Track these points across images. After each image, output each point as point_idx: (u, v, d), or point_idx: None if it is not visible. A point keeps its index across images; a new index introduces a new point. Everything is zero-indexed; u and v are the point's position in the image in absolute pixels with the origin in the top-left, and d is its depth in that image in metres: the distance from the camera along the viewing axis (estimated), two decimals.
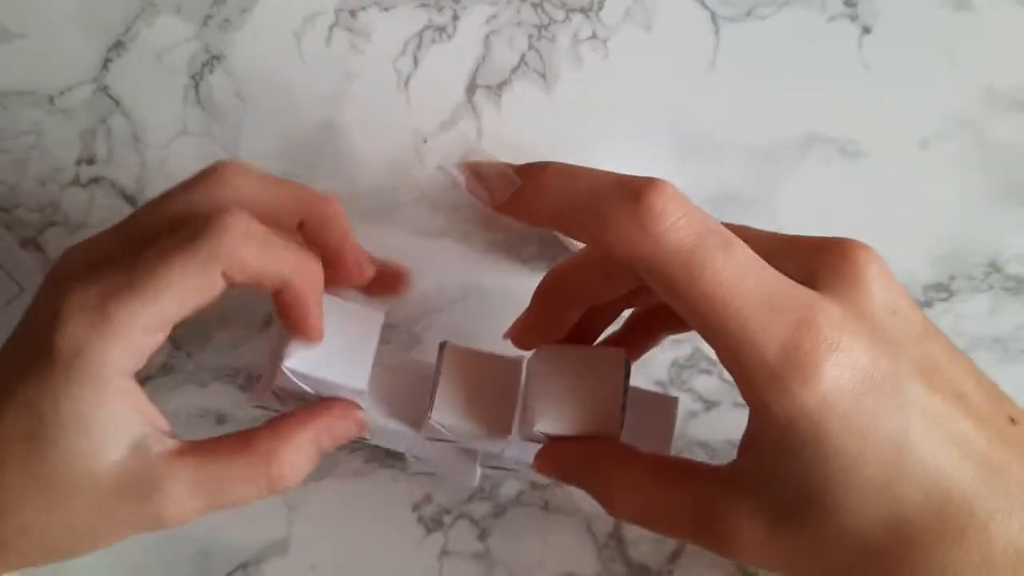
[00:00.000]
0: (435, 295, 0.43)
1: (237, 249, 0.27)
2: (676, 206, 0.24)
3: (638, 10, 0.45)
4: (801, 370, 0.22)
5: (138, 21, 0.45)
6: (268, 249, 0.28)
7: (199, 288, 0.27)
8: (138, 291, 0.26)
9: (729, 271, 0.23)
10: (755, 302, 0.23)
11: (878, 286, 0.25)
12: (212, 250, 0.26)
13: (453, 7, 0.45)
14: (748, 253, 0.24)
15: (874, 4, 0.44)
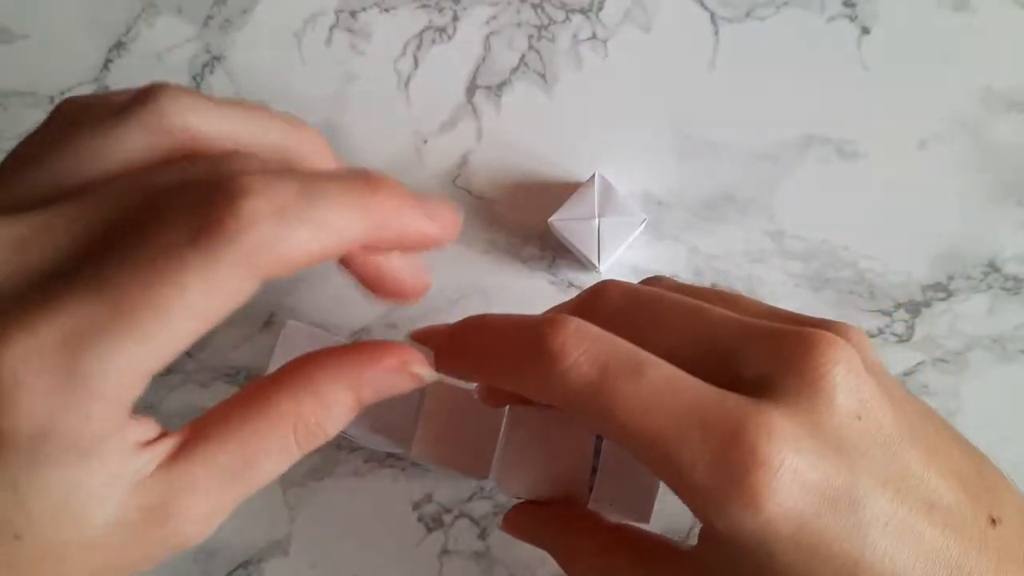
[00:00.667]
0: (435, 295, 0.43)
1: (278, 241, 0.19)
2: (576, 341, 0.22)
3: (638, 11, 0.45)
4: (738, 493, 0.21)
5: (139, 22, 0.46)
6: (323, 217, 0.20)
7: (219, 305, 0.19)
8: (126, 328, 0.18)
9: (641, 396, 0.22)
10: (676, 422, 0.21)
11: (843, 388, 0.22)
12: (241, 254, 0.19)
13: (453, 8, 0.45)
14: (663, 372, 0.22)
15: (873, 5, 0.44)
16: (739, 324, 0.23)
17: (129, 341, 0.18)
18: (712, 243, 0.43)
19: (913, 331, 0.42)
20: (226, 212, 0.18)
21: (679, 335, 0.23)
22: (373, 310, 0.43)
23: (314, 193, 0.20)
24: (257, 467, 0.21)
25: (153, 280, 0.18)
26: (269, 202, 0.19)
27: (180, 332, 0.19)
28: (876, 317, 0.42)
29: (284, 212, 0.19)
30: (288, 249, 0.19)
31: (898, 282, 0.43)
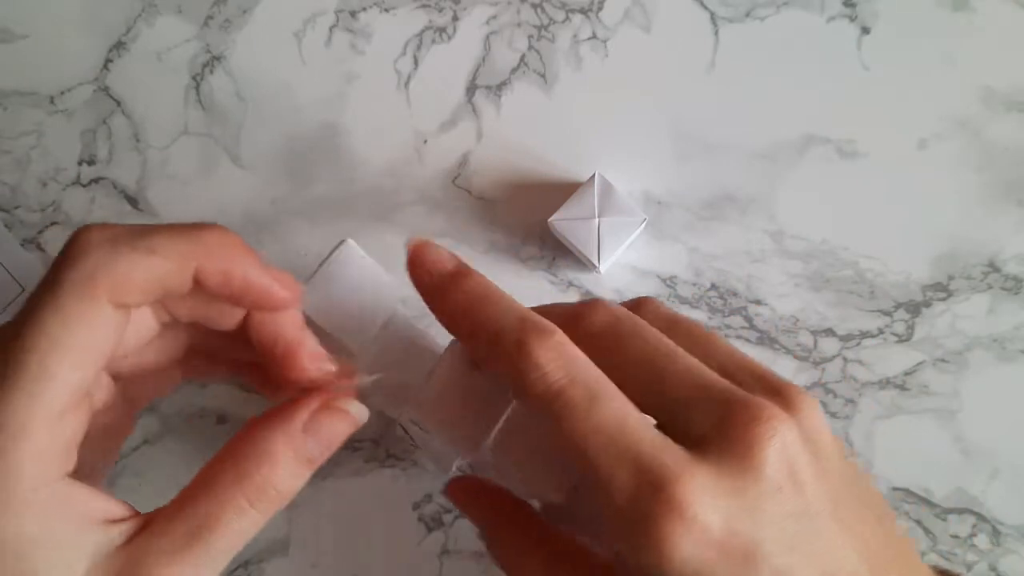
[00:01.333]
0: None
1: (113, 264, 0.22)
2: (553, 354, 0.25)
3: (637, 11, 0.45)
4: (648, 535, 0.22)
5: (139, 21, 0.46)
6: (150, 243, 0.23)
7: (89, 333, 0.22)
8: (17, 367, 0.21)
9: (590, 422, 0.24)
10: (613, 456, 0.23)
11: (772, 463, 0.23)
12: (82, 278, 0.22)
13: (453, 8, 0.45)
14: (616, 407, 0.24)
15: (873, 5, 0.44)
16: (698, 382, 0.25)
17: (19, 379, 0.21)
18: (712, 243, 0.43)
19: (913, 331, 0.42)
20: (67, 248, 0.22)
21: (643, 377, 0.25)
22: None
23: (146, 228, 0.23)
24: (218, 530, 0.23)
25: (20, 330, 0.21)
26: (101, 232, 0.22)
27: (65, 366, 0.21)
28: (876, 317, 0.42)
29: (116, 240, 0.22)
30: (122, 272, 0.22)
31: (898, 282, 0.43)
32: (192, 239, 0.23)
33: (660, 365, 0.25)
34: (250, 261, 0.24)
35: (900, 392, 0.42)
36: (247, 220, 0.44)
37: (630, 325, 0.26)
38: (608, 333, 0.26)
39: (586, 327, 0.26)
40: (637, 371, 0.25)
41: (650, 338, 0.26)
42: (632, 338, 0.26)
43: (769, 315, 0.43)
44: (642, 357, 0.25)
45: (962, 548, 0.41)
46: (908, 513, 0.41)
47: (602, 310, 0.27)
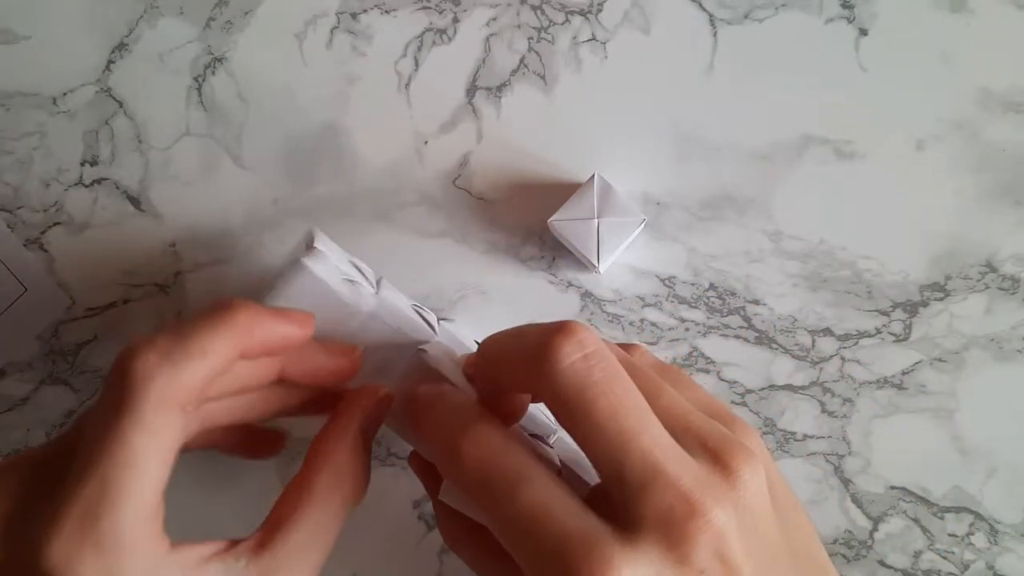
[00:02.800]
0: (435, 295, 0.44)
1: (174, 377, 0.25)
2: (476, 450, 0.27)
3: (636, 13, 0.45)
4: None
5: (141, 23, 0.46)
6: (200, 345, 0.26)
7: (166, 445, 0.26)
8: (112, 496, 0.25)
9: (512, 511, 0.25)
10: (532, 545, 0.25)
11: (700, 553, 0.24)
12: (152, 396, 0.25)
13: (453, 10, 0.45)
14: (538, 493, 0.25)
15: (871, 6, 0.44)
16: (653, 468, 0.25)
17: (118, 503, 0.24)
18: (711, 243, 0.43)
19: (910, 331, 0.43)
20: (128, 380, 0.25)
21: (604, 439, 0.25)
22: None
23: (186, 332, 0.26)
24: (326, 533, 0.29)
25: (105, 457, 0.24)
26: (155, 351, 0.25)
27: (151, 471, 0.25)
28: (874, 317, 0.43)
29: (169, 355, 0.26)
30: (187, 379, 0.25)
31: (896, 282, 0.43)
32: (232, 326, 0.27)
33: (621, 436, 0.25)
34: (280, 323, 0.29)
35: (898, 392, 0.42)
36: (248, 220, 0.44)
37: (606, 373, 0.26)
38: (581, 371, 0.26)
39: (552, 366, 0.26)
40: (598, 432, 0.25)
41: (620, 399, 0.26)
42: (603, 394, 0.26)
43: (767, 315, 0.43)
44: (607, 419, 0.25)
45: (959, 547, 0.41)
46: (906, 512, 0.42)
47: (572, 344, 0.26)
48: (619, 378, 0.26)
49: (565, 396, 0.25)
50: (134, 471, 0.24)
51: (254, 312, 0.28)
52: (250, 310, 0.28)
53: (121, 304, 0.45)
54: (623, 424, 0.25)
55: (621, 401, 0.25)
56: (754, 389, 0.43)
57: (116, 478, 0.24)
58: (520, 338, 0.28)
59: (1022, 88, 0.44)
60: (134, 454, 0.24)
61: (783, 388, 0.43)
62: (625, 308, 0.43)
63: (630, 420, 0.25)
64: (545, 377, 0.26)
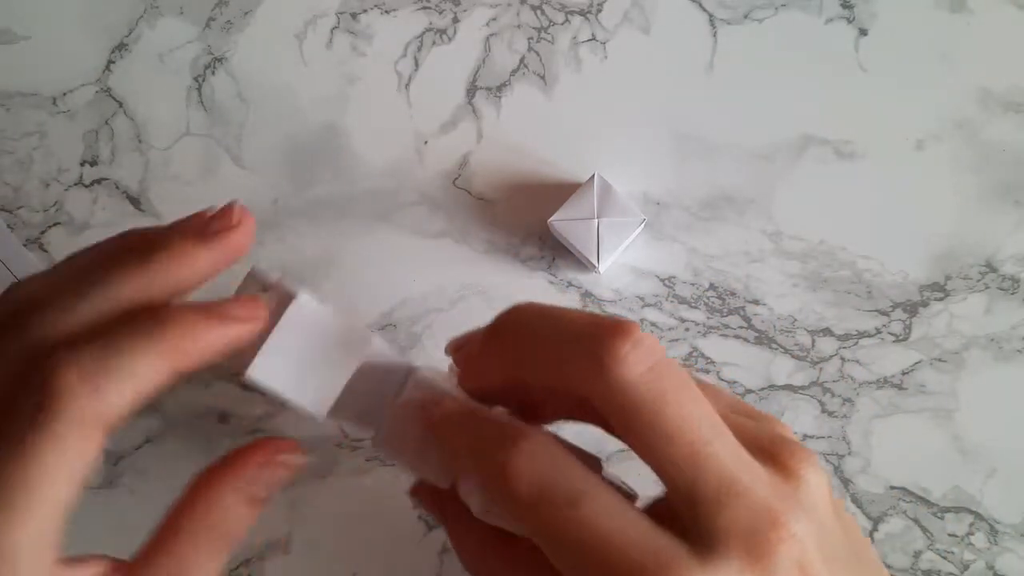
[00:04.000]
0: (435, 295, 0.44)
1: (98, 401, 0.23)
2: (529, 463, 0.24)
3: (636, 12, 0.45)
4: None
5: (141, 23, 0.46)
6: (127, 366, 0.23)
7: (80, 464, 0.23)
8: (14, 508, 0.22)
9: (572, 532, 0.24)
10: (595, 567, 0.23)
11: (783, 566, 0.23)
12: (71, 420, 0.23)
13: (453, 10, 0.45)
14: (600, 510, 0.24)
15: (871, 6, 0.44)
16: (726, 477, 0.23)
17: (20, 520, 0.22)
18: (710, 243, 0.43)
19: (910, 331, 0.43)
20: (45, 394, 0.22)
21: (675, 452, 0.24)
22: (374, 310, 0.44)
23: (112, 351, 0.23)
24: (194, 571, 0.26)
25: (13, 469, 0.22)
26: (76, 372, 0.23)
27: (59, 490, 0.23)
28: (873, 317, 0.43)
29: (92, 378, 0.23)
30: (110, 405, 0.23)
31: (895, 282, 0.43)
32: (161, 346, 0.24)
33: (699, 449, 0.23)
34: (215, 329, 0.25)
35: (897, 391, 0.42)
36: None
37: (671, 381, 0.24)
38: (646, 392, 0.24)
39: (620, 375, 0.24)
40: (669, 450, 0.23)
41: (693, 406, 0.24)
42: (672, 405, 0.24)
43: (767, 315, 0.43)
44: (679, 435, 0.23)
45: (959, 547, 0.41)
46: (905, 512, 0.42)
47: (639, 351, 0.24)
48: (688, 387, 0.24)
49: (633, 407, 0.23)
50: (41, 490, 0.23)
51: (189, 323, 0.24)
52: (184, 320, 0.24)
53: None
54: (695, 435, 0.23)
55: (691, 411, 0.24)
56: (754, 389, 0.43)
57: (22, 496, 0.22)
58: (561, 324, 0.25)
59: (1022, 88, 0.44)
60: (44, 472, 0.22)
61: (783, 388, 0.43)
62: (625, 308, 0.43)
63: (702, 431, 0.23)
64: (609, 385, 0.23)
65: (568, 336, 0.25)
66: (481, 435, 0.26)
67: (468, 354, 0.29)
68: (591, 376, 0.24)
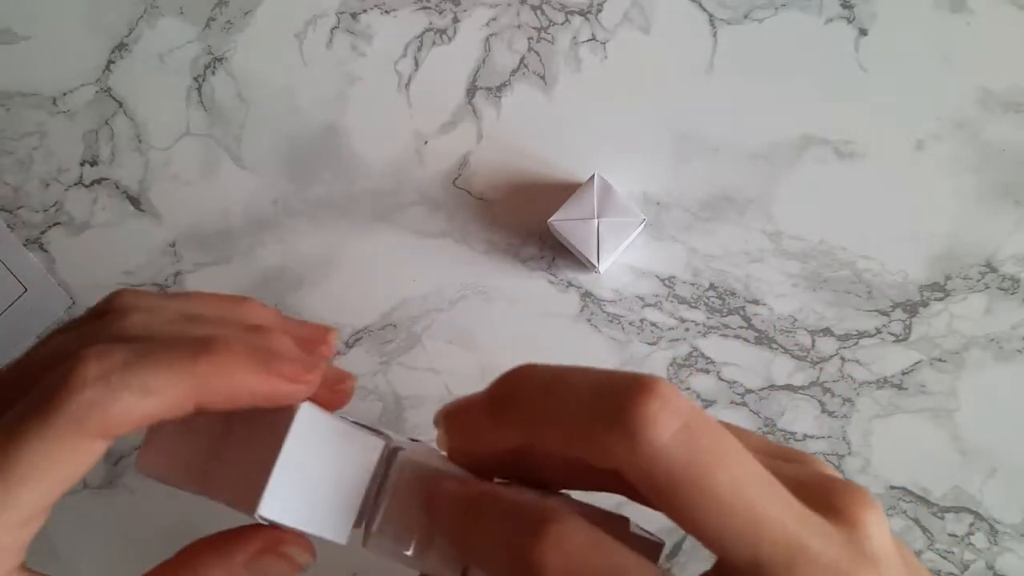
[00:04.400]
0: (435, 295, 0.44)
1: (104, 406, 0.21)
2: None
3: (636, 13, 0.45)
4: None
5: (141, 23, 0.46)
6: (145, 382, 0.22)
7: (70, 465, 0.21)
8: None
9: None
10: None
11: None
12: (70, 419, 0.21)
13: (453, 10, 0.45)
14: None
15: (871, 6, 0.44)
16: (793, 540, 0.21)
17: None
18: (710, 243, 0.43)
19: (910, 331, 0.43)
20: (61, 381, 0.21)
21: (731, 519, 0.21)
22: (374, 310, 0.44)
23: (141, 359, 0.22)
24: None
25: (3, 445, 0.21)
26: (96, 369, 0.21)
27: (34, 486, 0.21)
28: (873, 317, 0.43)
29: (109, 378, 0.21)
30: (116, 412, 0.21)
31: (895, 282, 0.43)
32: (192, 369, 0.22)
33: (758, 512, 0.21)
34: (252, 376, 0.23)
35: (898, 391, 0.42)
36: (248, 220, 0.45)
37: (710, 439, 0.21)
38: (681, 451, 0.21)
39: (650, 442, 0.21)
40: (723, 517, 0.21)
41: (742, 464, 0.21)
42: (718, 467, 0.21)
43: (767, 315, 0.43)
44: (732, 498, 0.21)
45: (959, 547, 0.41)
46: (906, 512, 0.42)
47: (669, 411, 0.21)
48: (729, 442, 0.21)
49: (672, 475, 0.20)
50: (21, 486, 0.21)
51: (229, 362, 0.23)
52: (224, 357, 0.23)
53: None
54: (750, 499, 0.20)
55: (741, 471, 0.21)
56: (754, 389, 0.43)
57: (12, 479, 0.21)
58: (574, 387, 0.22)
59: (1022, 88, 0.44)
60: (30, 468, 0.21)
61: (783, 388, 0.43)
62: (625, 308, 0.43)
63: (757, 492, 0.21)
64: (641, 453, 0.20)
65: (585, 400, 0.22)
66: (497, 520, 0.23)
67: (466, 423, 0.25)
68: (617, 444, 0.21)
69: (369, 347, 0.44)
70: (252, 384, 0.23)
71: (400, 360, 0.43)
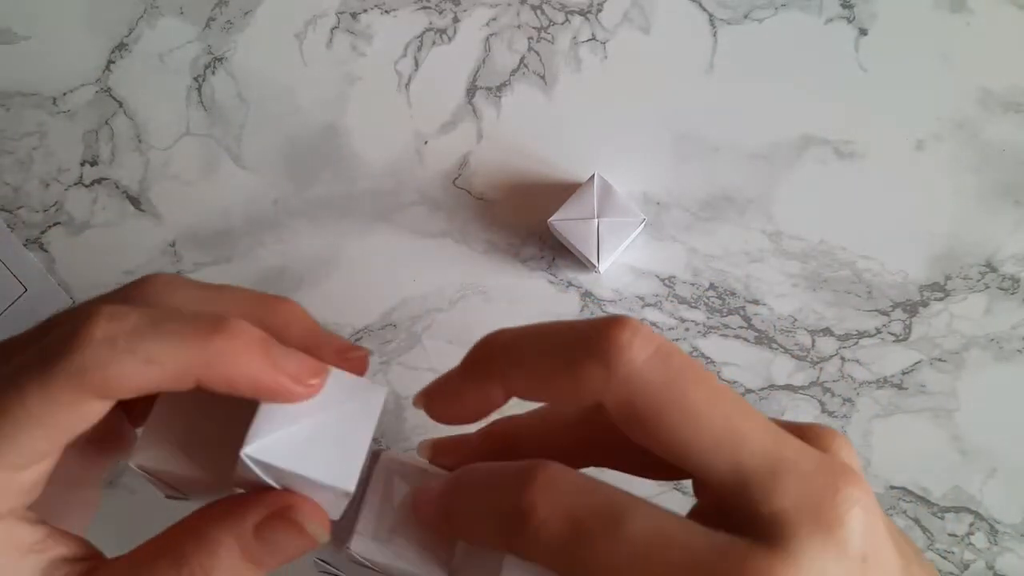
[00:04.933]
0: (435, 295, 0.44)
1: (105, 366, 0.21)
2: (547, 495, 0.21)
3: (636, 13, 0.45)
4: None
5: (141, 23, 0.46)
6: (150, 351, 0.21)
7: (66, 418, 0.21)
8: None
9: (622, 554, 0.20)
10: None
11: (857, 532, 0.21)
12: (70, 373, 0.21)
13: (453, 10, 0.45)
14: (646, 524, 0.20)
15: (871, 6, 0.44)
16: (771, 450, 0.21)
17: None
18: (710, 243, 0.43)
19: (910, 331, 0.43)
20: (68, 335, 0.21)
21: (710, 433, 0.21)
22: (374, 310, 0.44)
23: (151, 327, 0.22)
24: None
25: (5, 393, 0.21)
26: (103, 330, 0.21)
27: (31, 431, 0.21)
28: (873, 317, 0.43)
29: (114, 340, 0.21)
30: (114, 375, 0.21)
31: (895, 282, 0.43)
32: (199, 347, 0.22)
33: (735, 424, 0.21)
34: (258, 364, 0.23)
35: (898, 391, 0.42)
36: (248, 220, 0.45)
37: (682, 361, 0.22)
38: (657, 373, 0.21)
39: (627, 365, 0.21)
40: (702, 432, 0.21)
41: (715, 383, 0.22)
42: (694, 384, 0.21)
43: (767, 315, 0.43)
44: (708, 407, 0.21)
45: (959, 547, 0.41)
46: (906, 512, 0.42)
47: (641, 337, 0.21)
48: (699, 365, 0.22)
49: (650, 394, 0.21)
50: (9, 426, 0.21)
51: (237, 347, 0.22)
52: (234, 341, 0.22)
53: None
54: (727, 411, 0.21)
55: (716, 387, 0.21)
56: (754, 389, 0.43)
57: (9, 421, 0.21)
58: (549, 334, 0.23)
59: (1022, 88, 0.44)
60: (24, 411, 0.21)
61: (783, 388, 0.43)
62: (625, 308, 0.43)
63: (732, 406, 0.21)
64: (619, 376, 0.21)
65: (561, 340, 0.22)
66: (482, 483, 0.23)
67: (447, 393, 0.25)
68: (594, 373, 0.21)
69: (369, 347, 0.44)
70: (255, 374, 0.22)
71: (400, 360, 0.43)
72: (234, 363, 0.22)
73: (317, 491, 0.23)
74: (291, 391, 0.23)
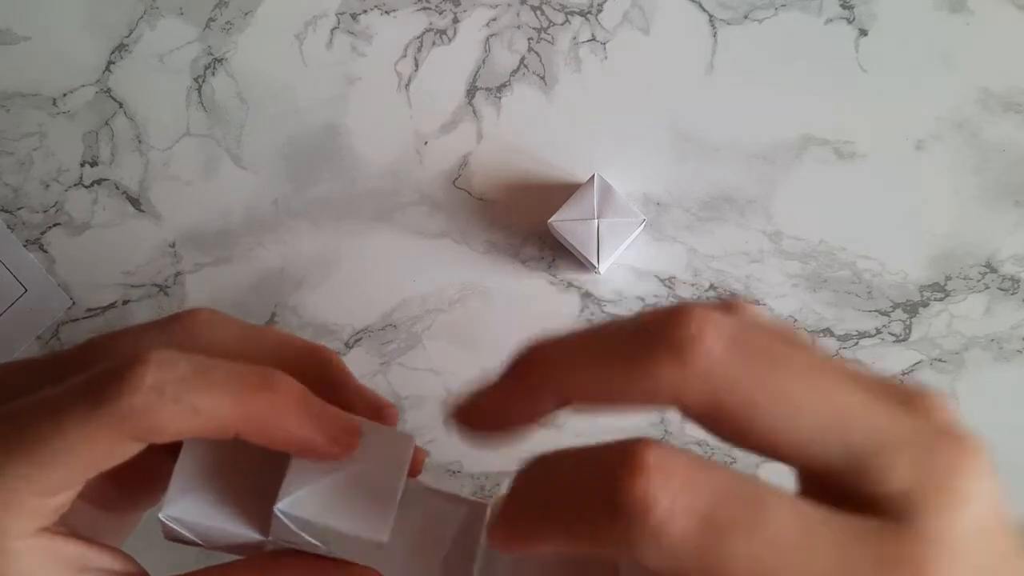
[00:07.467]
0: (435, 295, 0.44)
1: (150, 413, 0.21)
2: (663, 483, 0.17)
3: (636, 13, 0.45)
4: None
5: (141, 23, 0.46)
6: (196, 402, 0.22)
7: (103, 455, 0.22)
8: (26, 451, 0.22)
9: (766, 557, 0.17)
10: None
11: (986, 503, 0.19)
12: (115, 416, 0.21)
13: (453, 10, 0.45)
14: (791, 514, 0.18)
15: (871, 7, 0.44)
16: (879, 414, 0.19)
17: (26, 465, 0.22)
18: (711, 243, 0.43)
19: (910, 331, 0.43)
20: (117, 378, 0.21)
21: (809, 413, 0.18)
22: (374, 310, 0.44)
23: (199, 378, 0.22)
24: None
25: (43, 423, 0.22)
26: (153, 376, 0.22)
27: (65, 463, 0.22)
28: (873, 317, 0.43)
29: (162, 389, 0.22)
30: (158, 423, 0.22)
31: (895, 282, 0.43)
32: (244, 401, 0.22)
33: (838, 404, 0.18)
34: (297, 422, 0.23)
35: None
36: (248, 221, 0.45)
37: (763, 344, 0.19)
38: (739, 364, 0.18)
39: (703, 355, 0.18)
40: (806, 419, 0.18)
41: (806, 356, 0.19)
42: (784, 366, 0.18)
43: (767, 315, 0.43)
44: (809, 396, 0.18)
45: None
46: None
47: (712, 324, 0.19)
48: (783, 336, 0.19)
49: (735, 390, 0.18)
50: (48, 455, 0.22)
51: (281, 405, 0.23)
52: (280, 399, 0.23)
53: (121, 305, 0.45)
54: (827, 389, 0.18)
55: (806, 364, 0.18)
56: None
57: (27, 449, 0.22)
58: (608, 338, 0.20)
59: (1022, 88, 0.44)
60: (66, 444, 0.22)
61: None
62: (625, 308, 0.43)
63: (830, 380, 0.18)
64: (696, 374, 0.18)
65: (622, 340, 0.19)
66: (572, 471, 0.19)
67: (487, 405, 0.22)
68: (667, 370, 0.18)
69: (369, 347, 0.44)
70: (295, 431, 0.23)
71: (400, 360, 0.43)
72: (275, 420, 0.23)
73: (349, 542, 0.23)
74: (328, 452, 0.23)
